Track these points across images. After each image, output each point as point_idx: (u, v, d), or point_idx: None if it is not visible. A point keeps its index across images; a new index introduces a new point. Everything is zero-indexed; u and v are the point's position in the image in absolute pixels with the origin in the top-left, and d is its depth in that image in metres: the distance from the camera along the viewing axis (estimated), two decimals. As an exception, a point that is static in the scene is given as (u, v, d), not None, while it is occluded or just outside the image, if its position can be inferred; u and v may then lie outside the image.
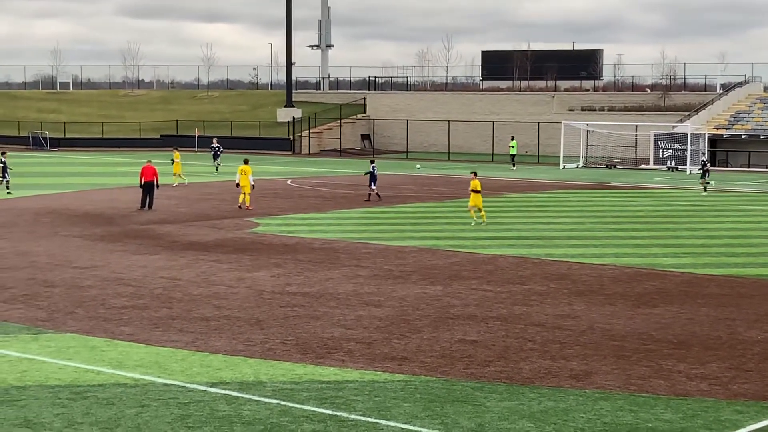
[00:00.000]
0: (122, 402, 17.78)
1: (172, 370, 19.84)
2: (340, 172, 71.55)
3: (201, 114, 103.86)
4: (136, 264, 32.06)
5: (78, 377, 19.33)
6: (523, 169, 74.48)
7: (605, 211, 48.39)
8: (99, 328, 23.42)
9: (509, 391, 18.63)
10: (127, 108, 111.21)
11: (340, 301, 26.49)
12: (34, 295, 27.13)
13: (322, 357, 20.91)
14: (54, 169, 71.09)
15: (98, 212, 45.70)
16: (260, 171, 70.95)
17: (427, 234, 39.50)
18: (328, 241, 37.26)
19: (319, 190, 57.31)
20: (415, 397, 18.15)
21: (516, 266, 32.28)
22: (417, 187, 60.00)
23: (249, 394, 18.24)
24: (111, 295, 27.05)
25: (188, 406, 17.52)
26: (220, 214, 45.58)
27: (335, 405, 17.65)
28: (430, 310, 25.57)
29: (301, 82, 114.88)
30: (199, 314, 24.83)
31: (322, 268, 31.64)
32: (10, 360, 20.56)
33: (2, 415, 16.99)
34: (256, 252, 34.65)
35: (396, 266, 31.99)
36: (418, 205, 50.30)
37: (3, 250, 34.77)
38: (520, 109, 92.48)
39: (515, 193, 56.55)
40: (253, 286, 28.56)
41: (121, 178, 64.25)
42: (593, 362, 20.65)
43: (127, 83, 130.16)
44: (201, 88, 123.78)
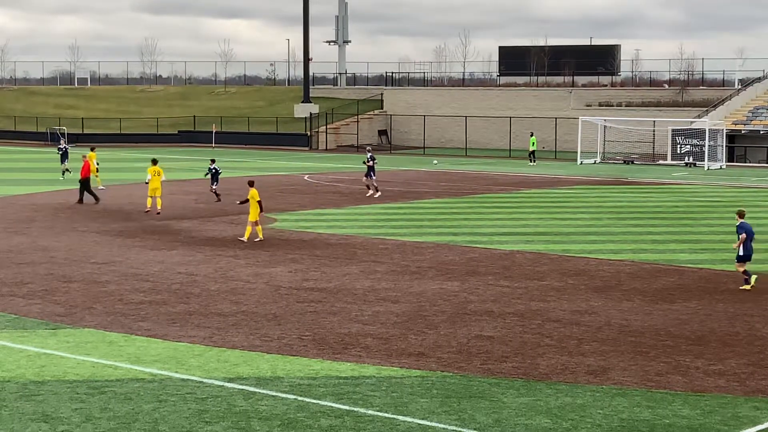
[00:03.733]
0: (140, 397, 17.83)
1: (190, 366, 19.89)
2: (357, 168, 71.50)
3: (218, 110, 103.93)
4: (154, 259, 32.14)
5: (96, 372, 19.40)
6: (541, 165, 74.35)
7: (623, 206, 48.28)
8: (117, 323, 23.49)
9: (526, 386, 18.62)
10: (144, 104, 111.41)
11: (357, 297, 26.50)
12: (52, 290, 27.23)
13: (339, 352, 20.94)
14: (72, 165, 71.23)
15: (116, 208, 45.82)
16: (277, 167, 71.03)
17: (444, 230, 39.48)
18: (345, 237, 37.28)
19: (336, 186, 57.33)
20: (432, 393, 18.16)
21: (533, 262, 32.24)
22: (434, 182, 59.97)
23: (266, 390, 18.27)
24: (129, 291, 27.12)
25: (205, 401, 17.57)
26: (238, 209, 45.61)
27: (352, 400, 17.67)
28: (447, 305, 25.56)
29: (318, 78, 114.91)
30: (216, 309, 24.88)
31: (339, 263, 31.66)
32: (28, 355, 20.65)
33: (21, 410, 17.07)
34: (274, 247, 34.69)
35: (413, 262, 31.99)
36: (435, 201, 50.28)
37: (22, 245, 34.90)
38: (537, 105, 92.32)
39: (532, 189, 56.47)
40: (271, 281, 28.59)
41: (138, 173, 64.35)
42: (610, 358, 20.62)
43: (145, 79, 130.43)
44: (218, 83, 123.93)
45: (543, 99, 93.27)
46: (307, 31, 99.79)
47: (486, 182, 60.29)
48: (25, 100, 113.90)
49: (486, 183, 59.79)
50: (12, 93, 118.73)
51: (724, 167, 73.77)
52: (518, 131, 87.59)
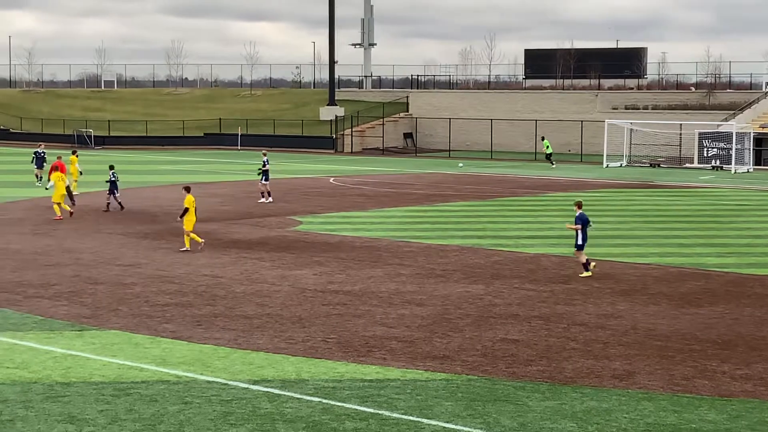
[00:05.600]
0: (165, 399, 17.87)
1: (215, 368, 19.92)
2: (382, 170, 71.57)
3: (244, 112, 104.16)
4: (180, 262, 32.21)
5: (121, 374, 19.45)
6: (566, 168, 74.19)
7: (649, 210, 48.10)
8: (142, 325, 23.56)
9: (551, 390, 18.57)
10: (170, 106, 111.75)
11: (382, 300, 26.49)
12: (78, 292, 27.33)
13: (364, 355, 20.93)
14: (98, 167, 71.50)
15: (142, 210, 45.97)
16: (303, 169, 71.12)
17: (469, 233, 39.42)
18: (370, 240, 37.28)
19: (361, 189, 57.35)
20: (456, 396, 18.13)
21: (558, 265, 32.15)
22: (459, 185, 59.90)
23: (291, 392, 18.28)
24: (154, 293, 27.20)
25: (230, 404, 17.59)
26: (263, 212, 45.70)
27: (377, 403, 17.65)
28: (472, 308, 25.52)
29: (344, 81, 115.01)
30: (241, 312, 24.92)
31: (364, 266, 31.66)
32: (55, 356, 20.72)
33: (47, 411, 17.13)
34: (299, 250, 34.72)
35: (438, 265, 31.96)
36: (461, 204, 50.21)
37: (48, 247, 35.06)
38: (563, 108, 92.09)
39: (558, 192, 56.33)
40: (296, 284, 28.62)
41: (164, 176, 64.60)
42: (636, 362, 20.53)
43: (171, 82, 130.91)
44: (244, 86, 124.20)
45: (569, 102, 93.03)
46: (333, 34, 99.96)
47: (511, 185, 60.19)
48: (52, 103, 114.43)
49: (511, 186, 59.69)
50: (39, 95, 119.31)
51: (751, 170, 73.43)
52: (544, 134, 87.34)
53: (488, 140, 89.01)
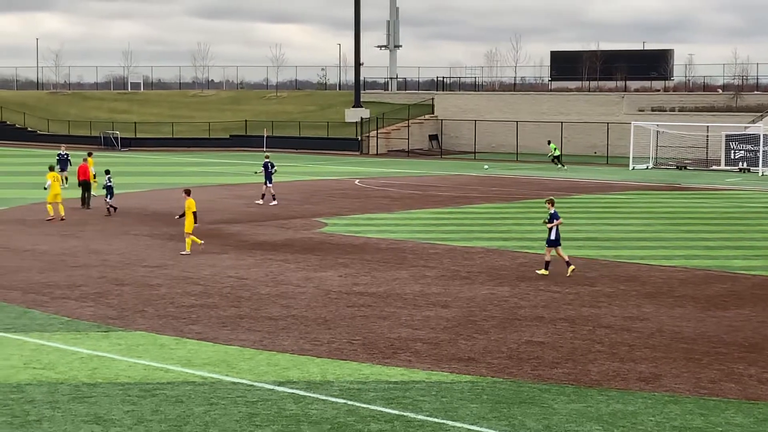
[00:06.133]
0: (191, 400, 17.92)
1: (240, 369, 19.96)
2: (407, 172, 71.57)
3: (270, 114, 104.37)
4: (205, 263, 32.30)
5: (147, 375, 19.52)
6: (592, 170, 74.00)
7: (675, 212, 47.93)
8: (168, 326, 23.63)
9: (577, 393, 18.52)
10: (196, 108, 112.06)
11: (407, 302, 26.48)
12: (104, 293, 27.44)
13: (389, 357, 20.93)
14: (125, 169, 71.83)
15: (168, 212, 46.06)
16: (328, 171, 71.19)
17: (494, 235, 39.37)
18: (395, 242, 37.27)
19: (386, 191, 57.36)
20: (482, 398, 18.11)
21: (584, 268, 32.06)
22: (485, 187, 59.83)
23: (316, 394, 18.30)
24: (180, 294, 27.28)
25: (256, 405, 17.62)
26: (288, 213, 45.77)
27: (402, 405, 17.65)
28: (497, 311, 25.49)
29: (369, 83, 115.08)
30: (266, 313, 24.96)
31: (389, 268, 31.67)
32: (81, 357, 20.81)
33: (73, 412, 17.21)
34: (324, 252, 34.75)
35: (463, 267, 31.93)
36: (486, 206, 50.16)
37: (75, 248, 35.21)
38: (589, 110, 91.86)
39: (583, 194, 56.19)
40: (321, 285, 28.64)
41: (190, 178, 64.78)
42: (662, 365, 20.46)
43: (197, 83, 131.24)
44: (270, 88, 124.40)
45: (595, 104, 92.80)
46: (359, 36, 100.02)
47: (537, 187, 60.07)
48: (79, 105, 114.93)
49: (537, 188, 59.58)
50: (66, 97, 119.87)
51: (779, 173, 73.06)
52: (570, 136, 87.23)
53: (514, 142, 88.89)
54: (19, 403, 17.73)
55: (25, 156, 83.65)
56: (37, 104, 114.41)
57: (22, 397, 18.04)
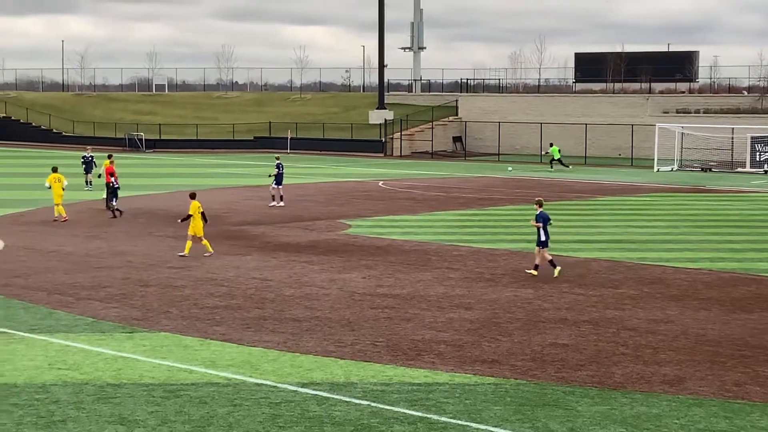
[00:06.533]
0: (214, 401, 17.97)
1: (264, 370, 20.00)
2: (431, 174, 71.54)
3: (294, 116, 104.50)
4: (229, 264, 32.37)
5: (171, 376, 19.58)
6: (617, 172, 73.81)
7: (700, 214, 47.75)
8: (192, 327, 23.70)
9: (601, 395, 18.48)
10: (221, 110, 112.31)
11: (431, 304, 26.48)
12: (129, 294, 27.54)
13: (412, 359, 20.93)
14: (149, 170, 72.11)
15: (192, 213, 46.17)
16: (352, 173, 71.24)
17: (518, 237, 39.30)
18: (419, 243, 37.26)
19: (410, 192, 57.35)
20: (505, 401, 18.09)
21: (608, 270, 31.98)
22: (509, 189, 59.75)
23: (340, 395, 18.32)
24: (204, 295, 27.35)
25: (279, 406, 17.65)
26: (312, 215, 45.82)
27: (425, 407, 17.65)
28: (521, 313, 25.45)
29: (393, 84, 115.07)
30: (290, 315, 25.00)
31: (413, 270, 31.66)
32: (105, 358, 20.90)
33: (98, 412, 17.28)
34: (348, 253, 34.78)
35: (487, 269, 31.89)
36: (510, 208, 50.08)
37: (100, 249, 35.35)
38: (613, 112, 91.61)
39: (608, 196, 56.05)
40: (345, 287, 28.67)
41: (214, 179, 64.95)
42: (687, 368, 20.39)
43: (221, 85, 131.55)
44: (294, 90, 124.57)
45: (619, 106, 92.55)
46: (383, 38, 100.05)
47: (561, 189, 59.95)
48: (104, 107, 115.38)
49: (561, 190, 59.46)
50: (91, 99, 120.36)
51: (805, 175, 72.66)
52: (594, 138, 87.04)
53: (538, 144, 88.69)
54: (44, 403, 17.82)
55: (51, 158, 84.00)
56: (62, 106, 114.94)
57: (47, 398, 18.14)
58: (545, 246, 30.92)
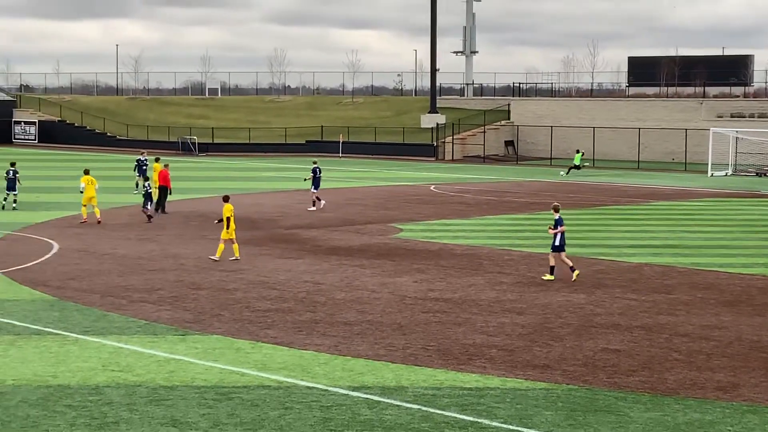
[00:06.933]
0: (266, 404, 18.03)
1: (315, 374, 20.04)
2: (483, 178, 71.40)
3: (346, 120, 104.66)
4: (281, 268, 32.48)
5: (223, 378, 19.67)
6: (671, 177, 73.29)
7: (755, 220, 47.29)
8: (244, 330, 23.79)
9: (653, 401, 18.35)
10: (273, 114, 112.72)
11: (483, 308, 26.42)
12: (181, 296, 27.70)
13: (463, 363, 20.89)
14: (202, 174, 72.51)
15: (244, 216, 46.39)
16: (404, 177, 71.24)
17: (570, 241, 38.98)
18: (470, 248, 37.19)
19: (462, 197, 57.27)
20: (557, 406, 18.01)
21: (661, 275, 31.76)
22: (561, 194, 59.45)
23: (390, 399, 18.31)
24: (256, 298, 27.45)
25: (330, 410, 17.68)
26: (364, 219, 45.88)
27: (476, 412, 17.61)
28: (573, 318, 25.33)
29: (445, 89, 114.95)
30: (342, 318, 25.04)
31: (464, 274, 31.61)
32: (158, 360, 21.03)
33: (150, 414, 17.39)
34: (399, 257, 34.78)
35: (539, 273, 31.77)
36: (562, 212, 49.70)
37: (153, 252, 35.59)
38: (666, 116, 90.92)
39: (661, 201, 55.66)
40: (396, 291, 28.67)
41: (266, 183, 65.20)
42: (741, 374, 20.19)
43: (274, 89, 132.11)
44: (346, 94, 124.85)
45: (673, 110, 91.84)
46: (435, 42, 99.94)
47: (614, 194, 59.62)
48: (158, 110, 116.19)
49: (614, 195, 59.13)
50: (145, 103, 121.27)
51: None
52: (647, 142, 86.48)
53: (590, 148, 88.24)
54: (97, 405, 17.97)
55: (105, 161, 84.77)
56: (116, 110, 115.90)
57: (100, 399, 18.28)
58: (560, 250, 31.07)
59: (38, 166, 76.95)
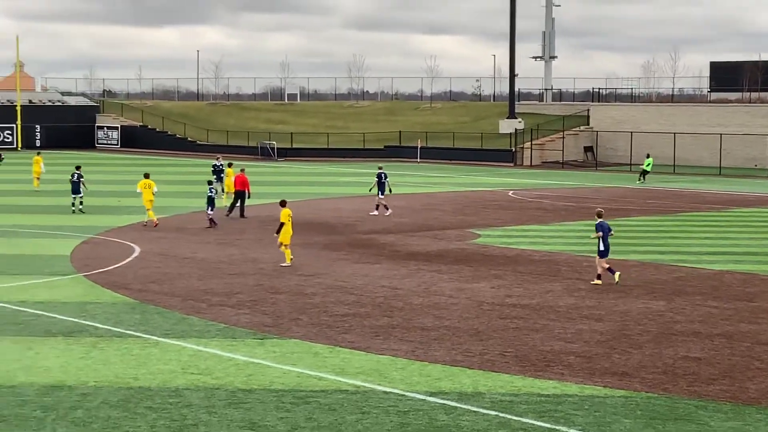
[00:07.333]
0: (343, 408, 18.09)
1: (392, 378, 20.08)
2: (562, 184, 71.01)
3: (424, 125, 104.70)
4: (359, 273, 32.57)
5: (301, 382, 19.78)
6: (753, 183, 72.31)
7: (839, 227, 46.48)
8: (322, 334, 23.90)
9: (734, 410, 18.12)
10: (351, 119, 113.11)
11: (560, 314, 26.28)
12: (260, 300, 27.90)
13: (541, 370, 20.81)
14: (281, 179, 72.96)
15: (322, 221, 46.63)
16: (481, 182, 71.10)
17: (650, 248, 38.77)
18: (548, 254, 37.01)
19: (540, 202, 57.00)
20: (636, 414, 17.86)
21: (743, 282, 31.35)
22: (640, 200, 58.96)
23: (467, 405, 18.29)
24: (333, 303, 27.56)
25: (407, 415, 17.70)
26: (442, 224, 45.85)
27: (554, 419, 17.52)
28: (652, 325, 25.10)
29: (523, 94, 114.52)
30: (419, 324, 25.05)
31: (542, 280, 31.47)
32: (237, 364, 21.20)
33: (229, 417, 17.54)
34: (477, 263, 34.72)
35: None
36: (641, 219, 49.43)
37: (233, 256, 35.88)
38: (749, 121, 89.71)
39: (743, 208, 54.93)
40: (473, 297, 28.62)
41: (345, 188, 65.43)
42: (824, 384, 19.87)
43: (352, 95, 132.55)
44: (424, 99, 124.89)
45: (756, 115, 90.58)
46: (514, 47, 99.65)
47: (694, 200, 58.97)
48: (238, 115, 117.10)
49: (694, 201, 58.48)
50: (225, 108, 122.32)
51: None
52: (730, 148, 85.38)
53: (671, 154, 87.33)
54: (177, 407, 18.16)
55: (185, 165, 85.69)
56: (197, 115, 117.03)
57: (180, 402, 18.48)
58: (604, 256, 31.08)
59: (120, 171, 77.97)
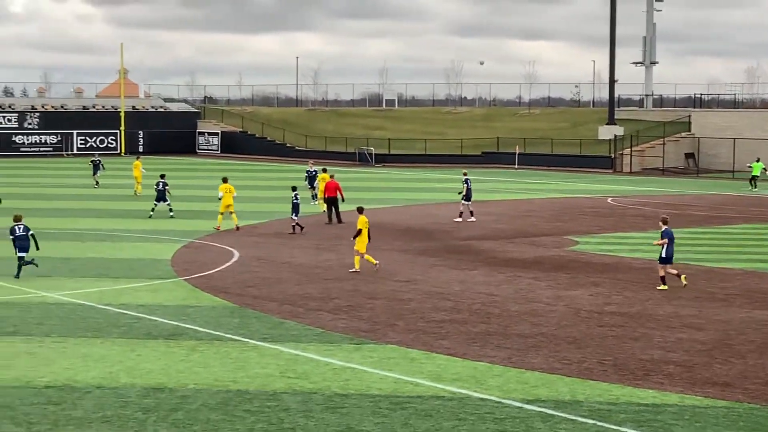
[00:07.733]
0: (440, 414, 18.05)
1: (489, 385, 19.99)
2: (662, 191, 70.15)
3: (522, 131, 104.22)
4: (455, 279, 32.50)
5: (398, 388, 19.77)
6: None
7: None
8: (418, 340, 23.88)
9: (840, 423, 17.70)
10: (449, 125, 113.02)
11: (660, 323, 25.94)
12: (357, 306, 27.97)
13: (640, 379, 20.55)
14: (379, 185, 73.15)
15: (419, 227, 46.63)
16: (580, 189, 70.53)
17: (753, 256, 38.09)
18: (648, 261, 36.54)
19: (640, 209, 56.35)
20: (738, 425, 17.56)
21: None
22: (743, 207, 57.99)
23: (565, 413, 18.14)
24: (430, 309, 27.53)
25: (504, 422, 17.60)
26: (539, 231, 45.57)
27: (653, 428, 17.30)
28: (756, 335, 24.64)
29: (623, 100, 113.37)
30: (516, 331, 24.91)
31: (642, 288, 31.09)
32: (334, 368, 21.27)
33: (326, 421, 17.60)
34: (575, 270, 34.43)
35: (720, 289, 31.03)
36: (745, 226, 48.60)
37: (329, 261, 36.03)
38: None
39: None
40: (571, 304, 28.38)
41: (442, 194, 65.35)
42: None
43: (450, 101, 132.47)
44: (522, 105, 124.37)
45: None
46: (614, 53, 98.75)
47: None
48: (336, 121, 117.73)
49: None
50: (324, 114, 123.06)
51: None
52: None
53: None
54: (275, 410, 18.28)
55: (283, 171, 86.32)
56: (296, 121, 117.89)
57: (277, 405, 18.60)
58: (667, 262, 31.04)
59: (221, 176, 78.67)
